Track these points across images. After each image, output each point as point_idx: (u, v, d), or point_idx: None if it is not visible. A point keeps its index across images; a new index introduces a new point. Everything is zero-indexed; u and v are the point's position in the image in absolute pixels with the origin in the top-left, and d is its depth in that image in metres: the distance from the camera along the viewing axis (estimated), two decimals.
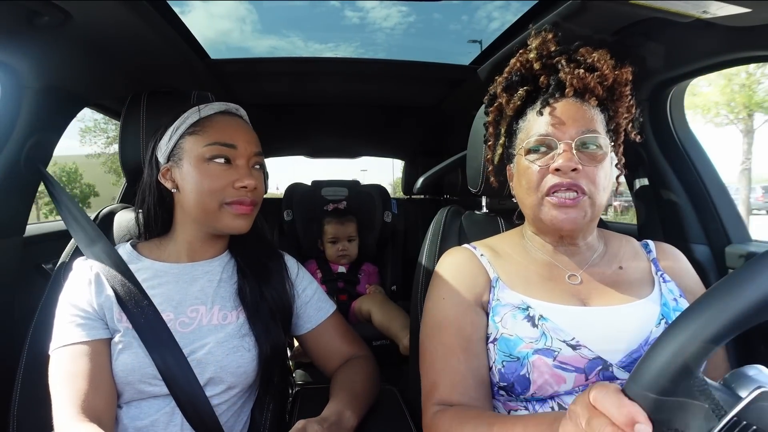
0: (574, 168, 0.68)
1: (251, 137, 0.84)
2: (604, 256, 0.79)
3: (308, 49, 6.53)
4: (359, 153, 3.11)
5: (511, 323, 0.70)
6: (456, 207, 1.06)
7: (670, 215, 1.20)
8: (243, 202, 0.80)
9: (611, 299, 0.72)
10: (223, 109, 0.85)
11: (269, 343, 0.82)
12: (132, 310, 0.75)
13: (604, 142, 0.71)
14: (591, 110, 0.73)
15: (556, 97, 0.74)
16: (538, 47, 0.75)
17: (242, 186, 0.79)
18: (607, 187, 0.72)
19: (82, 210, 0.89)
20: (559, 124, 0.72)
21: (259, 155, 0.84)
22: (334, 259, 2.02)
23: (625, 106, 0.75)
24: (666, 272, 0.78)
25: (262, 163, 0.86)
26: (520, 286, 0.75)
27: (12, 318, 1.05)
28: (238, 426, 0.84)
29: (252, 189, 0.80)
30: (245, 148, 0.81)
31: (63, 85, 1.09)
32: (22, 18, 0.81)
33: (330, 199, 2.24)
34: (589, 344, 0.66)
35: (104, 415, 0.71)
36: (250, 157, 0.82)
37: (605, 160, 0.71)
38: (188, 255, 0.85)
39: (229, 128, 0.82)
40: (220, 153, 0.79)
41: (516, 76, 0.78)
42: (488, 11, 3.98)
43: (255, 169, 0.84)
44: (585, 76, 0.71)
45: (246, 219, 0.82)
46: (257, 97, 1.77)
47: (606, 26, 0.94)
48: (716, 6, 0.72)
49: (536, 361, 0.66)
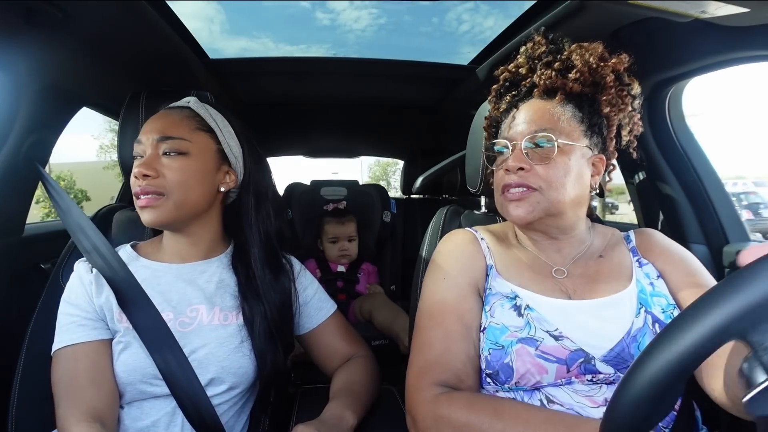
0: (521, 167, 0.71)
1: (156, 125, 0.80)
2: (589, 250, 0.80)
3: (279, 50, 6.50)
4: (358, 153, 3.10)
5: (498, 312, 0.71)
6: (455, 207, 1.06)
7: (669, 215, 1.21)
8: (136, 194, 0.78)
9: (594, 292, 0.73)
10: (169, 106, 0.86)
11: (270, 342, 0.82)
12: (132, 310, 0.75)
13: (562, 140, 0.71)
14: (555, 108, 0.74)
15: (524, 99, 0.78)
16: (527, 51, 0.78)
17: (134, 176, 0.78)
18: (567, 184, 0.72)
19: (81, 209, 0.89)
20: (517, 125, 0.75)
21: (166, 140, 0.78)
22: (334, 259, 2.02)
23: (614, 97, 0.74)
24: (643, 255, 0.79)
25: (175, 148, 0.78)
26: (512, 275, 0.76)
27: (10, 318, 1.05)
28: (238, 426, 0.84)
29: (140, 176, 0.76)
30: (147, 137, 0.79)
31: (61, 85, 1.09)
32: (20, 17, 0.81)
33: (329, 198, 2.24)
34: (572, 336, 0.67)
35: (106, 415, 0.71)
36: (154, 146, 0.78)
37: (562, 157, 0.71)
38: (178, 255, 0.85)
39: (146, 124, 0.81)
40: (135, 151, 0.81)
41: (507, 82, 0.81)
42: (487, 11, 4.00)
43: (165, 156, 0.78)
44: (554, 76, 0.73)
45: (146, 211, 0.78)
46: (255, 97, 1.77)
47: (605, 26, 0.94)
48: (715, 6, 0.72)
49: (519, 349, 0.67)
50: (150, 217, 0.77)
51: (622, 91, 0.75)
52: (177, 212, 0.79)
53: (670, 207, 1.20)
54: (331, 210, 2.09)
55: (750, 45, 0.85)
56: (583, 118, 0.74)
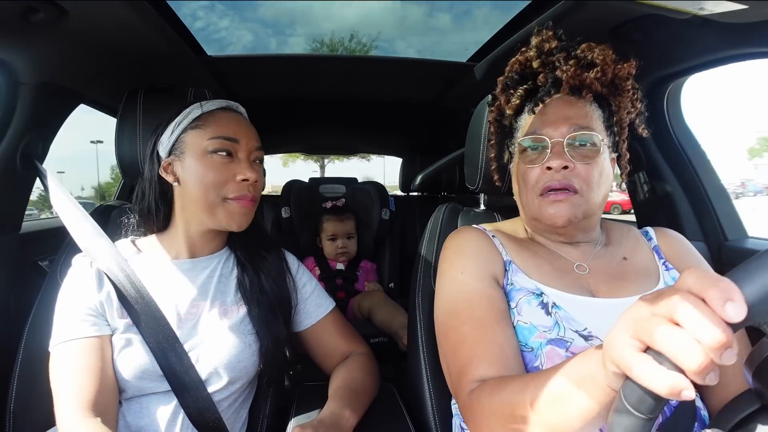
0: (565, 166, 0.69)
1: (252, 132, 0.85)
2: (607, 247, 0.79)
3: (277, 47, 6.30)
4: (357, 150, 3.11)
5: (526, 309, 0.69)
6: (453, 204, 1.06)
7: (667, 212, 1.21)
8: (245, 197, 0.81)
9: (619, 291, 0.72)
10: (224, 105, 0.86)
11: (270, 336, 0.82)
12: (132, 306, 0.75)
13: (597, 139, 0.71)
14: (586, 107, 0.73)
15: (551, 94, 0.74)
16: (538, 45, 0.75)
17: (244, 178, 0.80)
18: (602, 184, 0.72)
19: (80, 206, 0.89)
20: (552, 122, 0.72)
21: (260, 150, 0.86)
22: (332, 257, 2.02)
23: (628, 101, 0.75)
24: (668, 260, 0.78)
25: (261, 158, 0.87)
26: (533, 271, 0.74)
27: (8, 315, 1.05)
28: (238, 422, 0.84)
29: (253, 182, 0.81)
30: (246, 142, 0.82)
31: (59, 82, 1.09)
32: (17, 14, 0.81)
33: (328, 196, 2.24)
34: (601, 336, 0.65)
35: (107, 411, 0.71)
36: (251, 152, 0.83)
37: (599, 157, 0.71)
38: (188, 251, 0.85)
39: (232, 123, 0.83)
40: (222, 146, 0.80)
41: (516, 75, 0.78)
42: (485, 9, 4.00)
43: (255, 163, 0.85)
44: (581, 73, 0.71)
45: (246, 215, 0.83)
46: (254, 94, 1.77)
47: (603, 23, 0.94)
48: (713, 3, 0.72)
49: (549, 351, 0.65)
50: (249, 221, 0.84)
51: (634, 94, 0.75)
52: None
53: (669, 204, 1.20)
54: (329, 207, 2.09)
55: (748, 42, 0.85)
56: (604, 118, 0.74)
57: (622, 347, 0.36)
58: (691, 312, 0.32)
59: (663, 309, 0.34)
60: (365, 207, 2.21)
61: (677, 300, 0.33)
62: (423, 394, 0.85)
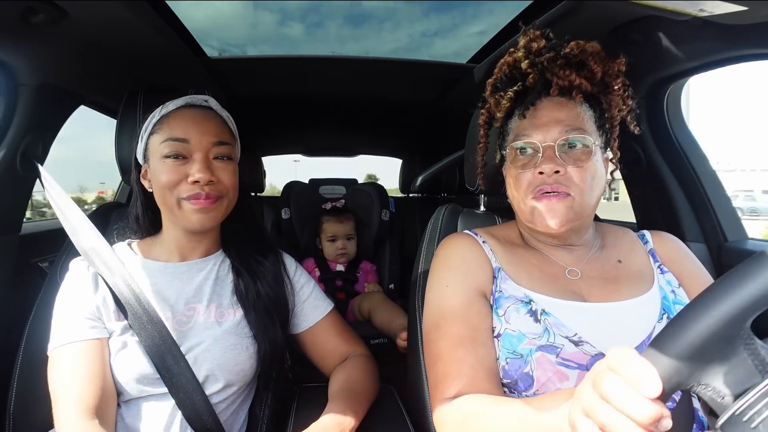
0: (557, 170, 0.69)
1: (208, 128, 0.80)
2: (602, 250, 0.79)
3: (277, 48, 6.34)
4: (357, 151, 3.10)
5: (514, 318, 0.69)
6: (453, 205, 1.06)
7: (667, 213, 1.21)
8: (198, 197, 0.78)
9: (612, 295, 0.72)
10: (186, 102, 0.83)
11: (268, 340, 0.82)
12: (129, 309, 0.75)
13: (589, 141, 0.70)
14: (577, 107, 0.72)
15: (540, 96, 0.73)
16: (525, 45, 0.74)
17: (194, 180, 0.77)
18: (595, 186, 0.71)
19: (79, 208, 0.89)
20: (543, 125, 0.71)
21: (220, 145, 0.81)
22: (332, 258, 2.02)
23: (619, 98, 0.74)
24: (664, 263, 0.78)
25: (227, 153, 0.82)
26: (523, 278, 0.74)
27: (8, 317, 1.05)
28: (236, 425, 0.84)
29: (205, 183, 0.77)
30: (199, 140, 0.79)
31: (59, 83, 1.09)
32: (17, 15, 0.81)
33: (328, 197, 2.23)
34: (592, 341, 0.66)
35: (105, 413, 0.71)
36: (207, 149, 0.79)
37: (591, 159, 0.70)
38: (179, 254, 0.85)
39: (183, 122, 0.80)
40: (171, 149, 0.78)
41: (505, 76, 0.77)
42: (485, 10, 4.00)
43: (218, 160, 0.80)
44: (570, 74, 0.70)
45: (205, 213, 0.79)
46: (254, 95, 1.76)
47: (602, 24, 0.94)
48: (713, 4, 0.72)
49: (539, 357, 0.65)
50: (210, 220, 0.80)
51: (625, 91, 0.74)
52: (225, 215, 0.83)
53: (669, 205, 1.20)
54: (329, 208, 2.09)
55: (748, 43, 0.85)
56: (595, 118, 0.74)
57: (576, 416, 0.39)
58: (614, 391, 0.35)
59: (597, 386, 0.37)
60: (365, 208, 2.21)
61: (605, 379, 0.36)
62: (423, 396, 0.85)
